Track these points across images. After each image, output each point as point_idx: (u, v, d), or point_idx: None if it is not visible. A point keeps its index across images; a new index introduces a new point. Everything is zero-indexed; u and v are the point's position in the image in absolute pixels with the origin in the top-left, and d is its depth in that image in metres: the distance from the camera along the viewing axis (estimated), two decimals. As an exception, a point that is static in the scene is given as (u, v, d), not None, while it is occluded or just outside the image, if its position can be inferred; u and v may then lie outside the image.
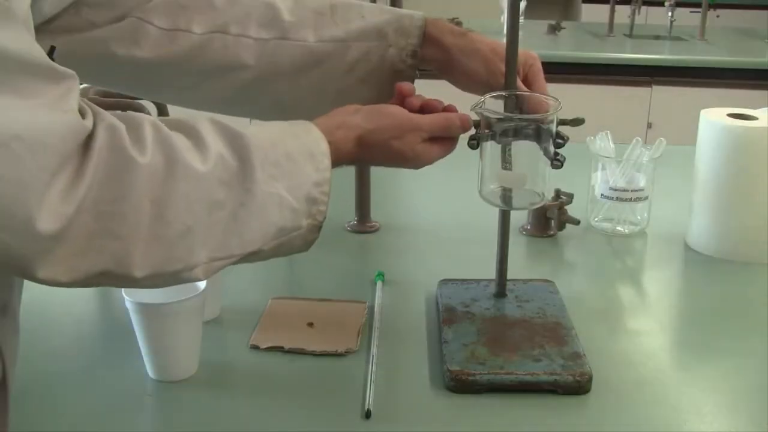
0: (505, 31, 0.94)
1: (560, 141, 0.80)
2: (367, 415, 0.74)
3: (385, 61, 0.89)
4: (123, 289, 0.77)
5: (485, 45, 0.90)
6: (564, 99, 0.80)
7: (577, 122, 0.98)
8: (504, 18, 3.40)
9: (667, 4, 3.35)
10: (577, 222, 1.17)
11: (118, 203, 0.57)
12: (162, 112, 1.12)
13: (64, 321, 0.92)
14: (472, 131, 0.82)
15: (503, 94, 0.83)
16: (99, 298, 0.97)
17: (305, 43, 0.88)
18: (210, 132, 0.65)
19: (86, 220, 0.55)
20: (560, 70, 2.97)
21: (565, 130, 0.84)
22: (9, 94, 0.52)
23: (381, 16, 0.90)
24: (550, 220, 1.15)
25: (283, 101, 0.88)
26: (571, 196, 1.17)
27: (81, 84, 0.61)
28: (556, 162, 0.80)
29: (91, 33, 0.82)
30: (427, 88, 0.94)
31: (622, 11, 3.54)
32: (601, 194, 1.19)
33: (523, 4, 3.08)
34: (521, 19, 2.52)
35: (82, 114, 0.57)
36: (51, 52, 0.61)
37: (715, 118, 1.10)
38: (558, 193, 1.16)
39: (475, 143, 0.81)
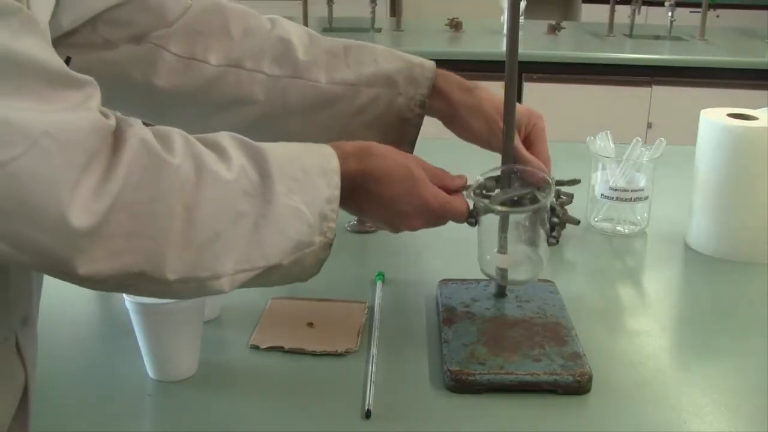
0: (505, 31, 0.94)
1: (555, 220, 0.81)
2: (367, 415, 0.74)
3: (392, 108, 0.91)
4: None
5: (490, 104, 0.92)
6: (564, 99, 0.81)
7: (573, 182, 1.01)
8: (504, 18, 3.41)
9: (667, 4, 3.35)
10: (577, 222, 1.17)
11: (153, 204, 0.58)
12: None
13: (64, 321, 0.92)
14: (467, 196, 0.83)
15: (497, 170, 0.84)
16: (99, 298, 0.97)
17: (316, 83, 0.90)
18: (231, 146, 0.67)
19: (122, 219, 0.56)
20: (560, 70, 2.97)
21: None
22: (32, 98, 0.52)
23: (393, 62, 0.92)
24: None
25: (290, 137, 0.89)
26: (571, 196, 1.17)
27: None
28: (552, 239, 0.82)
29: (108, 53, 0.83)
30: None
31: (622, 11, 3.54)
32: (601, 194, 1.19)
33: (523, 4, 3.08)
34: (521, 19, 2.53)
35: (105, 115, 0.58)
36: (66, 63, 0.62)
37: (715, 118, 1.10)
38: (558, 193, 1.16)
39: (473, 221, 0.82)
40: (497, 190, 0.83)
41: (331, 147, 0.73)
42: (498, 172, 0.83)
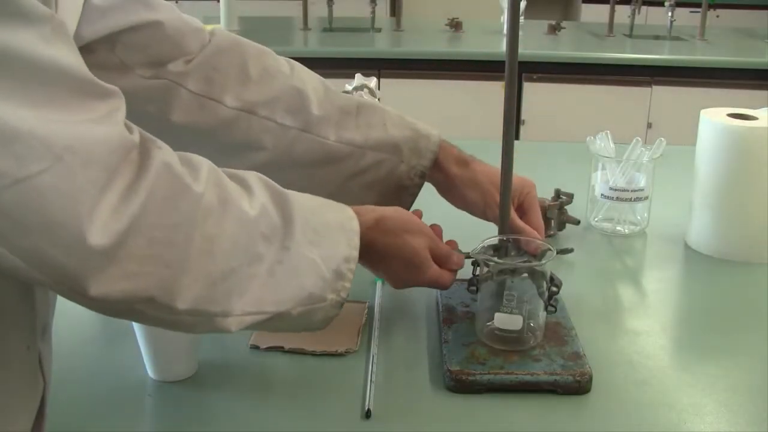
0: (505, 31, 0.95)
1: (554, 289, 0.82)
2: (367, 415, 0.74)
3: (393, 175, 0.94)
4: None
5: (486, 177, 0.95)
6: (564, 99, 0.82)
7: (565, 252, 1.04)
8: (504, 18, 3.41)
9: (667, 4, 3.35)
10: (577, 222, 1.17)
11: (171, 230, 0.57)
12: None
13: (64, 322, 0.92)
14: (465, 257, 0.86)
15: (497, 239, 0.86)
16: (99, 298, 0.97)
17: (324, 140, 0.91)
18: (257, 184, 0.67)
19: (140, 242, 0.55)
20: (560, 70, 2.97)
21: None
22: (58, 107, 0.52)
23: (401, 131, 0.94)
24: (550, 220, 1.15)
25: (289, 187, 0.90)
26: (571, 196, 1.17)
27: None
28: (551, 307, 0.82)
29: (124, 79, 0.83)
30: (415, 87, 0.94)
31: (622, 11, 3.54)
32: (601, 194, 1.19)
33: (523, 4, 3.08)
34: (521, 19, 2.52)
35: (129, 130, 0.57)
36: None
37: (715, 118, 1.10)
38: (558, 193, 1.16)
39: (474, 289, 0.84)
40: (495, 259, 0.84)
41: (352, 210, 0.75)
42: (496, 241, 0.86)
